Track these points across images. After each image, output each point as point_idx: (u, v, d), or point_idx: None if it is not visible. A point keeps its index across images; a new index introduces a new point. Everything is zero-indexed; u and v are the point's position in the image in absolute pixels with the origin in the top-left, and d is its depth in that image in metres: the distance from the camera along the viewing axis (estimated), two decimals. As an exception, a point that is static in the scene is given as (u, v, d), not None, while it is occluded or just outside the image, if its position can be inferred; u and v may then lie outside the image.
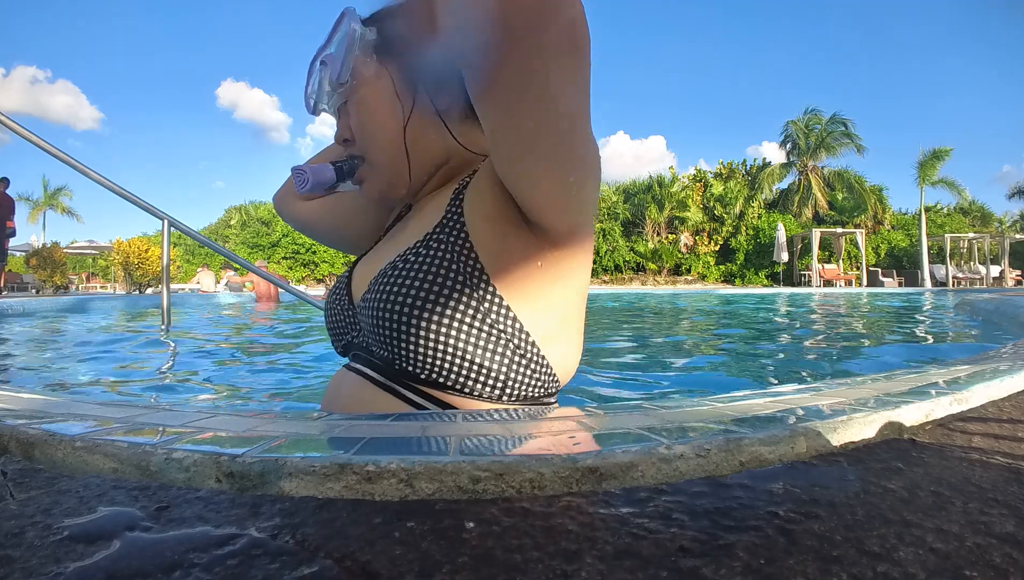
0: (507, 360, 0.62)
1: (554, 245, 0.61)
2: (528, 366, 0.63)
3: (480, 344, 0.61)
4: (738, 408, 0.57)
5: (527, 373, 0.64)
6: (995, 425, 0.57)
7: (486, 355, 0.61)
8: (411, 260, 0.64)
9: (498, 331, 0.61)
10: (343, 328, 0.75)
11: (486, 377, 0.62)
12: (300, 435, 0.48)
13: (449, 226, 0.64)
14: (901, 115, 49.35)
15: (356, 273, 0.78)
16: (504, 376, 0.62)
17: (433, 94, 0.68)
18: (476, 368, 0.61)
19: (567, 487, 0.38)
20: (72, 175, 4.86)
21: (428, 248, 0.64)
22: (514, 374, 0.63)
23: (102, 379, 2.01)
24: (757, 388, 0.78)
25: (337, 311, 0.76)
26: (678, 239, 21.64)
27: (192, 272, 19.53)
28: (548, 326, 0.64)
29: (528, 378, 0.64)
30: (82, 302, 6.71)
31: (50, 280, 15.05)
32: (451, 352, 0.60)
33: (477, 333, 0.61)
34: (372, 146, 0.71)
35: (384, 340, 0.62)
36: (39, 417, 0.54)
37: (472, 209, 0.64)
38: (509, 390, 0.63)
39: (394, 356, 0.63)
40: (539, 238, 0.60)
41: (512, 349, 0.62)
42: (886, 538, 0.32)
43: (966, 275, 16.64)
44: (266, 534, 0.32)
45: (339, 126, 0.74)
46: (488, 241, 0.62)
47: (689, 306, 6.81)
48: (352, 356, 0.74)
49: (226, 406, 1.61)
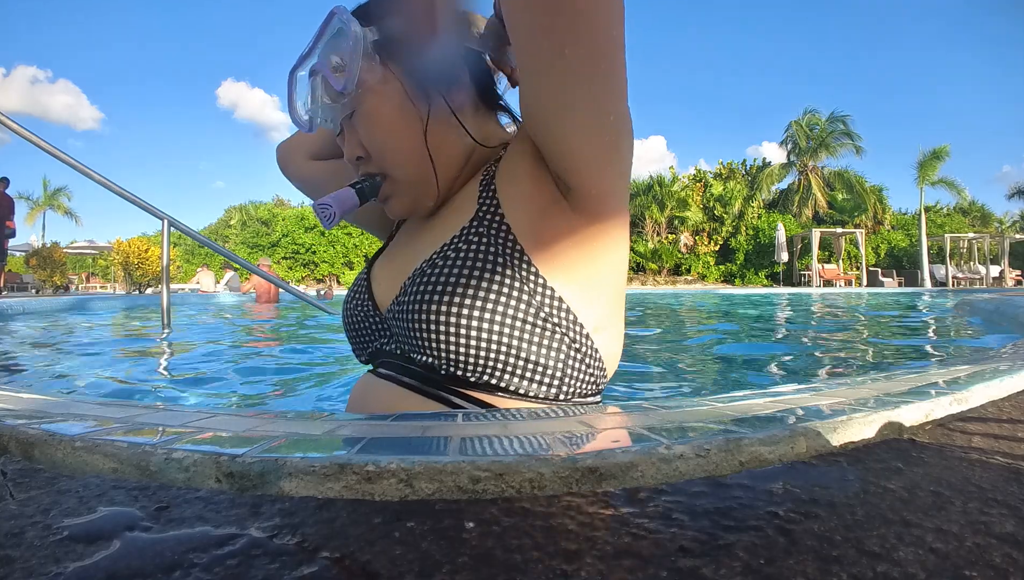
0: (563, 355, 0.60)
1: (592, 217, 0.59)
2: (583, 360, 0.62)
3: (536, 340, 0.58)
4: (738, 408, 0.57)
5: (582, 367, 0.62)
6: (995, 425, 0.57)
7: (541, 351, 0.59)
8: (451, 257, 0.60)
9: (552, 325, 0.59)
10: (368, 336, 0.71)
11: (543, 375, 0.59)
12: (300, 435, 0.48)
13: (487, 217, 0.61)
14: (901, 115, 49.40)
15: (376, 275, 0.74)
16: (560, 373, 0.60)
17: (446, 92, 0.64)
18: (532, 366, 0.59)
19: (567, 487, 0.38)
20: (72, 175, 4.88)
21: (468, 242, 0.61)
22: (570, 370, 0.61)
23: (101, 379, 2.01)
24: (757, 388, 0.78)
25: (360, 318, 0.71)
26: (678, 239, 21.64)
27: (192, 272, 19.52)
28: (598, 313, 0.62)
29: (583, 373, 0.62)
30: (82, 302, 6.71)
31: (50, 280, 15.05)
32: (506, 351, 0.58)
33: (531, 328, 0.58)
34: (391, 161, 0.65)
35: (428, 345, 0.59)
36: (39, 417, 0.54)
37: (507, 195, 0.62)
38: (566, 387, 0.61)
39: (440, 361, 0.59)
40: (577, 212, 0.59)
41: (568, 343, 0.60)
42: (886, 538, 0.32)
43: (966, 275, 16.64)
44: (266, 534, 0.32)
45: (347, 143, 0.68)
46: (527, 225, 0.60)
47: (689, 306, 6.81)
48: (381, 363, 0.70)
49: (226, 406, 1.60)
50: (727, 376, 2.09)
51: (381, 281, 0.72)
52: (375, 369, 0.71)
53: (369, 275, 0.74)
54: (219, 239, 23.75)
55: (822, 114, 21.34)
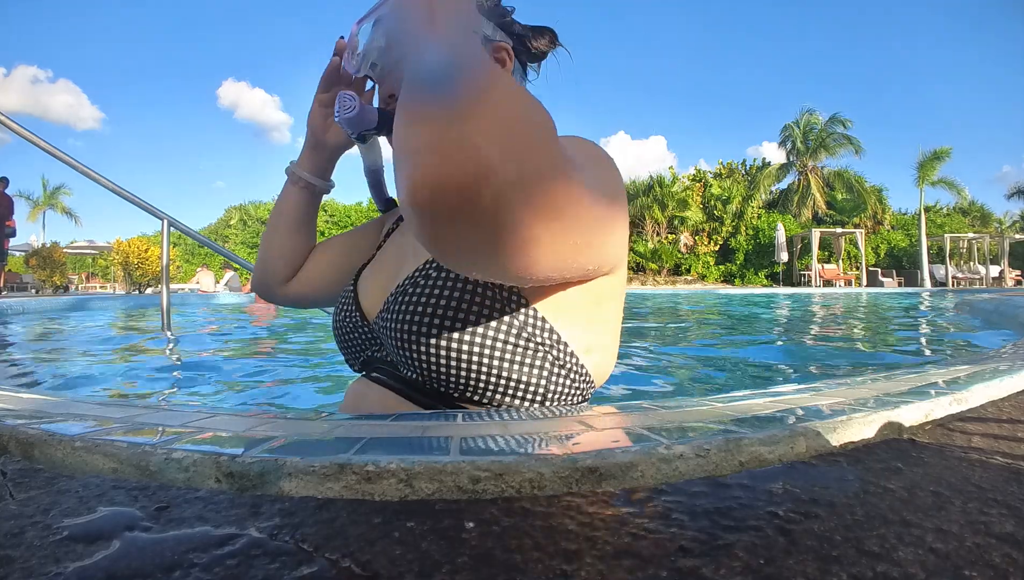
0: (546, 372, 0.60)
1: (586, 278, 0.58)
2: (568, 376, 0.62)
3: (518, 360, 0.58)
4: (738, 408, 0.57)
5: (567, 382, 0.62)
6: (994, 425, 0.57)
7: (523, 370, 0.59)
8: (432, 276, 0.60)
9: (536, 344, 0.59)
10: (359, 346, 0.71)
11: (525, 391, 0.60)
12: (300, 435, 0.48)
13: None
14: (901, 115, 49.38)
15: (363, 286, 0.74)
16: (544, 389, 0.60)
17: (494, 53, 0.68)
18: (515, 384, 0.59)
19: (567, 487, 0.38)
20: (71, 173, 4.85)
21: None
22: (554, 386, 0.61)
23: (101, 379, 2.00)
24: (757, 388, 0.78)
25: (350, 329, 0.72)
26: (678, 239, 21.64)
27: (192, 272, 19.52)
28: (587, 338, 0.62)
29: (568, 387, 0.62)
30: (82, 302, 6.71)
31: (50, 280, 15.05)
32: (487, 372, 0.58)
33: (513, 348, 0.58)
34: None
35: (412, 363, 0.60)
36: (39, 417, 0.54)
37: None
38: (550, 401, 0.62)
39: (425, 378, 0.60)
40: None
41: (551, 361, 0.60)
42: (885, 538, 0.32)
43: (966, 275, 16.65)
44: (266, 534, 0.32)
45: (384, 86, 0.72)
46: None
47: (689, 306, 6.81)
48: (374, 369, 0.70)
49: (226, 406, 1.60)
50: (727, 376, 2.09)
51: (368, 293, 0.72)
52: (368, 374, 0.71)
53: (356, 286, 0.75)
54: (219, 239, 23.74)
55: (822, 114, 21.37)
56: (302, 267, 0.87)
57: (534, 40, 0.77)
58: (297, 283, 0.87)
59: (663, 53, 62.22)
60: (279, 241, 0.84)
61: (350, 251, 0.86)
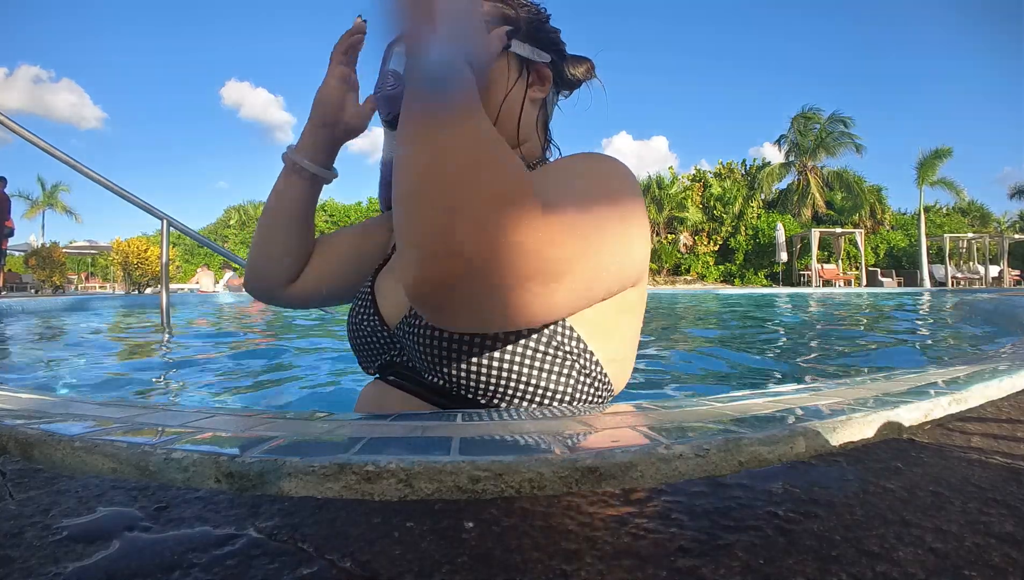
0: (573, 381, 0.60)
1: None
2: (592, 385, 0.62)
3: (547, 369, 0.58)
4: (737, 408, 0.57)
5: (591, 391, 0.62)
6: (994, 425, 0.57)
7: (551, 378, 0.59)
8: None
9: (564, 353, 0.59)
10: (377, 350, 0.69)
11: (552, 399, 0.60)
12: (299, 435, 0.48)
13: None
14: (901, 116, 49.41)
15: (381, 288, 0.71)
16: (570, 398, 0.60)
17: (535, 74, 0.69)
18: (543, 392, 0.59)
19: (567, 487, 0.38)
20: (70, 171, 4.83)
21: None
22: (580, 394, 0.61)
23: (100, 379, 2.00)
24: (756, 388, 0.78)
25: (367, 332, 0.69)
26: (677, 239, 21.65)
27: (192, 272, 19.52)
28: (611, 348, 0.63)
29: (592, 397, 0.63)
30: (81, 301, 6.70)
31: (49, 280, 15.04)
32: (516, 379, 0.57)
33: (543, 357, 0.58)
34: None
35: (439, 370, 0.59)
36: (38, 417, 0.54)
37: None
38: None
39: (451, 385, 0.59)
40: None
41: (578, 369, 0.60)
42: (885, 538, 0.32)
43: (965, 275, 16.65)
44: (265, 534, 0.32)
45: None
46: None
47: (688, 306, 6.81)
48: (392, 373, 0.68)
49: (225, 406, 1.60)
50: (726, 375, 2.09)
51: (387, 295, 0.69)
52: (385, 377, 0.69)
53: (373, 288, 0.72)
54: (218, 239, 23.74)
55: (823, 114, 21.35)
56: (307, 264, 0.81)
57: (571, 67, 0.75)
58: (304, 281, 0.80)
59: (663, 53, 62.26)
60: (283, 238, 0.78)
61: (360, 246, 0.81)
